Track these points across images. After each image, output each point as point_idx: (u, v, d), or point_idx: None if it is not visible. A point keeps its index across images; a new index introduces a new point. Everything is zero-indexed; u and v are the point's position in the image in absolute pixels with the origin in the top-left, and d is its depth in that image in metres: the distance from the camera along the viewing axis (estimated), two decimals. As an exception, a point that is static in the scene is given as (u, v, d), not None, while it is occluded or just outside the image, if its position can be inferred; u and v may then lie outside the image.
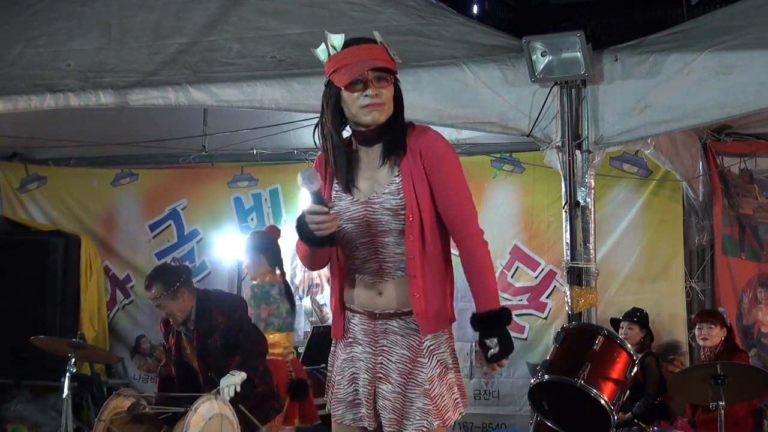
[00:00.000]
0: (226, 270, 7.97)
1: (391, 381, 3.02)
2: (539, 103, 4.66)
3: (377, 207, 2.99)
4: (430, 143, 2.98)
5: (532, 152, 6.48)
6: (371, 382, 3.05)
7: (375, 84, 2.92)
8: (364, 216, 3.01)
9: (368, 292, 3.06)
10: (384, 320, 3.05)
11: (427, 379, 2.99)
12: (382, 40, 2.97)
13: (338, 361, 3.17)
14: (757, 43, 4.38)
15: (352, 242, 3.05)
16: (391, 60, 2.95)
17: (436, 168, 2.96)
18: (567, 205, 4.64)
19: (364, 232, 3.02)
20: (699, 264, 6.95)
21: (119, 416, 4.91)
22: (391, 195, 2.97)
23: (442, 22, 5.09)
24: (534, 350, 7.15)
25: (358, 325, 3.11)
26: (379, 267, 3.03)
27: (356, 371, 3.10)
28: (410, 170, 2.96)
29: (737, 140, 6.74)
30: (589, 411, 3.92)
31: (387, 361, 3.04)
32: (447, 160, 2.99)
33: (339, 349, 3.18)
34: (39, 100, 5.34)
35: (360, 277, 3.07)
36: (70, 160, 8.46)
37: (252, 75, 5.10)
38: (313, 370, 6.39)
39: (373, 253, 3.03)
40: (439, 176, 2.97)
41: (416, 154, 2.96)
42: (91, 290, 8.00)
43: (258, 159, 7.86)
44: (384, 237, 3.00)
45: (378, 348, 3.06)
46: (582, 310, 4.57)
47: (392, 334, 3.04)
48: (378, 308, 3.05)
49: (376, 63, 2.90)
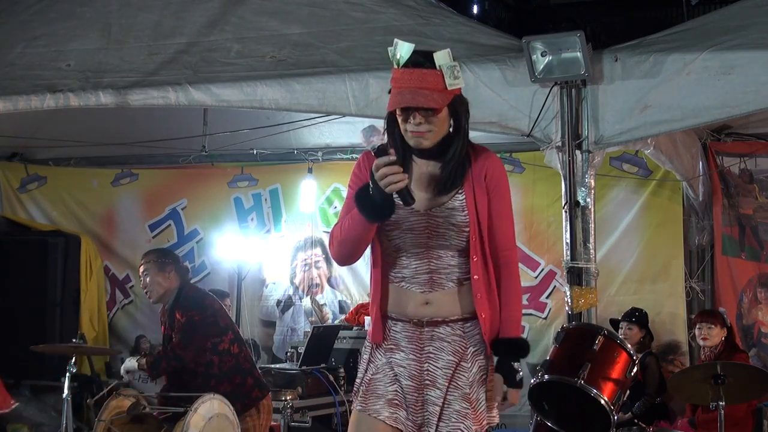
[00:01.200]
0: (226, 270, 7.98)
1: (439, 386, 3.05)
2: (539, 103, 4.66)
3: (441, 221, 3.02)
4: (496, 168, 3.07)
5: (532, 152, 6.48)
6: (418, 389, 3.06)
7: (420, 114, 2.93)
8: (426, 228, 3.03)
9: (415, 302, 3.07)
10: (431, 327, 3.07)
11: (468, 383, 3.04)
12: (444, 63, 2.93)
13: (376, 363, 3.13)
14: (757, 43, 4.38)
15: (404, 251, 3.07)
16: (444, 90, 2.91)
17: (498, 193, 3.06)
18: (567, 205, 4.63)
19: (421, 243, 3.04)
20: (699, 264, 6.95)
21: (119, 416, 4.91)
22: (455, 210, 3.02)
23: (442, 22, 5.09)
24: (534, 350, 7.12)
25: (401, 332, 3.10)
26: (430, 277, 3.06)
27: (397, 376, 3.09)
28: (473, 189, 3.03)
29: (737, 140, 6.74)
30: (589, 411, 3.92)
31: (434, 368, 3.06)
32: (506, 188, 3.10)
33: (378, 353, 3.14)
34: (39, 100, 5.34)
35: (407, 286, 3.08)
36: (70, 160, 8.46)
37: (252, 75, 5.10)
38: (313, 370, 6.39)
39: (426, 264, 3.05)
40: (498, 201, 3.06)
41: (481, 175, 3.04)
42: (91, 290, 8.00)
43: (258, 159, 7.86)
44: (441, 249, 3.04)
45: (424, 355, 3.07)
46: (582, 310, 4.57)
47: (438, 341, 3.07)
48: (426, 317, 3.07)
49: (417, 101, 2.88)
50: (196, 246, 8.22)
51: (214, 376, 5.09)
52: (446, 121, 2.98)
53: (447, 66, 2.93)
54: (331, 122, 6.96)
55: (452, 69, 2.93)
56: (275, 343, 7.98)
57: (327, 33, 5.20)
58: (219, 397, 4.83)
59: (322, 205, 7.90)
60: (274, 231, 8.05)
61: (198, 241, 8.20)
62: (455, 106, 2.99)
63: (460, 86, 2.97)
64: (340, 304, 7.84)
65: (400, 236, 3.04)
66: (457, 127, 3.00)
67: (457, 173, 3.01)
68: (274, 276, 8.06)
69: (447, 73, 2.92)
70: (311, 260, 7.94)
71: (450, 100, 2.94)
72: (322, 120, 6.81)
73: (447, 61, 2.94)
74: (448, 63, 2.94)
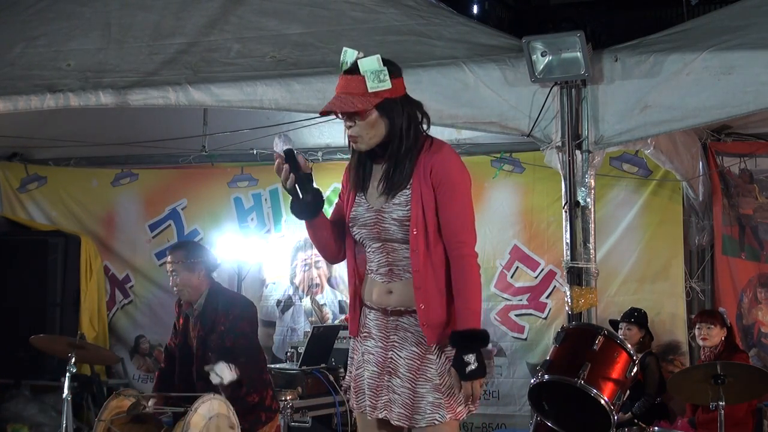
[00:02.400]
0: (226, 270, 7.97)
1: (400, 376, 3.14)
2: (539, 103, 4.66)
3: (386, 216, 3.16)
4: (443, 162, 3.12)
5: (532, 152, 6.48)
6: (379, 374, 3.19)
7: (349, 118, 3.12)
8: (375, 223, 3.19)
9: (381, 290, 3.23)
10: (395, 317, 3.19)
11: (437, 374, 3.11)
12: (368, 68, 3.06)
13: (357, 355, 3.31)
14: (757, 43, 4.38)
15: (367, 245, 3.26)
16: (364, 94, 3.05)
17: (442, 187, 3.11)
18: (567, 205, 4.63)
19: (375, 237, 3.21)
20: (699, 264, 6.94)
21: (119, 416, 4.91)
22: (399, 206, 3.14)
23: (442, 22, 5.09)
24: (534, 350, 7.15)
25: (373, 320, 3.26)
26: (389, 269, 3.21)
27: (365, 363, 3.25)
28: (420, 185, 3.11)
29: (737, 140, 6.73)
30: (589, 411, 3.92)
31: (397, 357, 3.17)
32: (454, 181, 3.12)
33: (357, 344, 3.32)
34: (39, 100, 5.34)
35: (374, 276, 3.25)
36: (70, 160, 8.46)
37: (252, 75, 5.10)
38: (313, 370, 6.39)
39: (385, 256, 3.21)
40: (444, 195, 3.11)
41: (427, 170, 3.11)
42: (91, 290, 8.00)
43: (258, 159, 7.86)
44: (393, 243, 3.18)
45: (389, 343, 3.20)
46: (582, 310, 4.57)
47: (402, 331, 3.18)
48: (390, 305, 3.21)
49: (335, 106, 3.10)
50: (196, 246, 8.21)
51: (245, 385, 5.06)
52: (378, 124, 3.11)
53: (371, 71, 3.06)
54: (331, 122, 6.95)
55: (377, 73, 3.07)
56: (275, 343, 7.98)
57: (327, 33, 5.20)
58: (219, 397, 4.83)
59: (322, 205, 7.89)
60: (274, 231, 8.05)
61: (198, 241, 8.20)
62: (386, 109, 3.10)
63: (384, 88, 3.07)
64: (340, 304, 7.84)
65: (358, 232, 3.24)
66: (392, 128, 3.11)
67: (397, 173, 3.13)
68: (274, 276, 8.06)
69: (369, 77, 3.05)
70: (311, 260, 7.94)
71: (376, 103, 3.07)
72: (322, 120, 6.80)
73: (372, 67, 3.07)
74: (373, 68, 3.06)
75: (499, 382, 7.23)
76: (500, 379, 7.22)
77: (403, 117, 3.13)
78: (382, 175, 3.18)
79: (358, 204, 3.25)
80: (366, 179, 3.24)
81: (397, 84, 3.12)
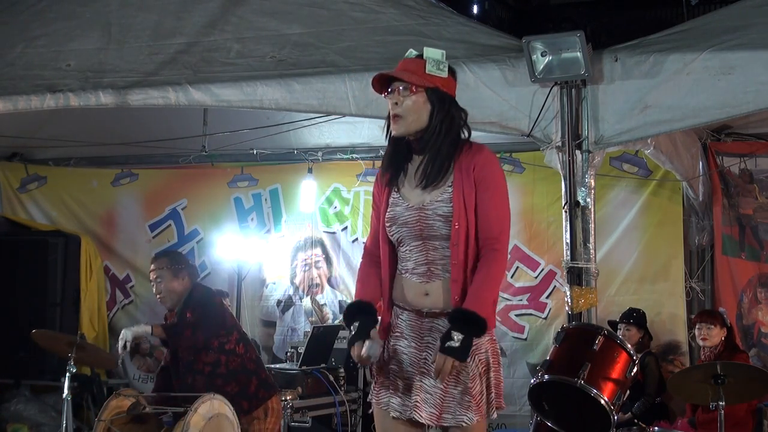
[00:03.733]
0: (226, 270, 7.98)
1: (433, 376, 3.15)
2: (539, 103, 4.66)
3: (430, 213, 3.20)
4: (486, 162, 3.22)
5: (532, 152, 6.48)
6: (414, 375, 3.21)
7: (399, 92, 3.18)
8: (418, 221, 3.22)
9: (416, 292, 3.24)
10: (431, 318, 3.22)
11: (469, 377, 3.15)
12: (431, 56, 3.19)
13: (385, 352, 3.31)
14: (757, 43, 4.38)
15: (405, 245, 3.27)
16: (421, 74, 3.17)
17: (483, 185, 3.19)
18: (567, 205, 4.63)
19: (416, 235, 3.23)
20: (699, 264, 6.94)
21: (119, 416, 4.91)
22: (443, 203, 3.19)
23: (442, 22, 5.09)
24: (534, 350, 7.15)
25: (405, 321, 3.28)
26: (428, 269, 3.23)
27: (398, 363, 3.26)
28: (462, 182, 3.18)
29: (737, 140, 6.74)
30: (589, 411, 3.92)
31: (431, 358, 3.17)
32: (496, 181, 3.22)
33: (388, 342, 3.32)
34: (39, 100, 5.34)
35: (409, 277, 3.26)
36: (70, 160, 8.46)
37: (252, 75, 5.10)
38: (313, 370, 6.39)
39: (424, 256, 3.23)
40: (485, 193, 3.18)
41: (470, 169, 3.19)
42: (91, 290, 8.00)
43: (258, 159, 7.86)
44: (434, 241, 3.21)
45: (423, 344, 3.22)
46: (582, 310, 4.57)
47: (437, 332, 3.19)
48: (425, 307, 3.23)
49: (390, 73, 3.18)
50: (196, 246, 8.22)
51: (221, 375, 5.08)
52: (423, 109, 3.19)
53: (433, 58, 3.19)
54: (331, 122, 6.96)
55: (437, 62, 3.19)
56: (275, 343, 7.98)
57: (327, 33, 5.20)
58: (219, 397, 4.83)
59: (322, 205, 7.90)
60: (274, 231, 8.05)
61: (198, 241, 8.20)
62: (433, 99, 3.19)
63: (440, 76, 3.19)
64: (340, 304, 7.84)
65: (398, 231, 3.26)
66: (433, 119, 3.19)
67: (439, 169, 3.18)
68: (274, 276, 8.06)
69: (429, 62, 3.18)
70: (311, 260, 7.94)
71: (426, 84, 3.17)
72: (322, 120, 6.81)
73: (435, 56, 3.19)
74: (435, 57, 3.19)
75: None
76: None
77: (447, 112, 3.21)
78: (419, 167, 3.21)
79: (394, 204, 3.27)
80: (401, 176, 3.27)
81: (450, 82, 3.25)
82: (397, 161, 3.28)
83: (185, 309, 5.16)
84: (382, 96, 3.27)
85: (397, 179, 3.28)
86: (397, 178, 3.28)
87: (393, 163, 3.29)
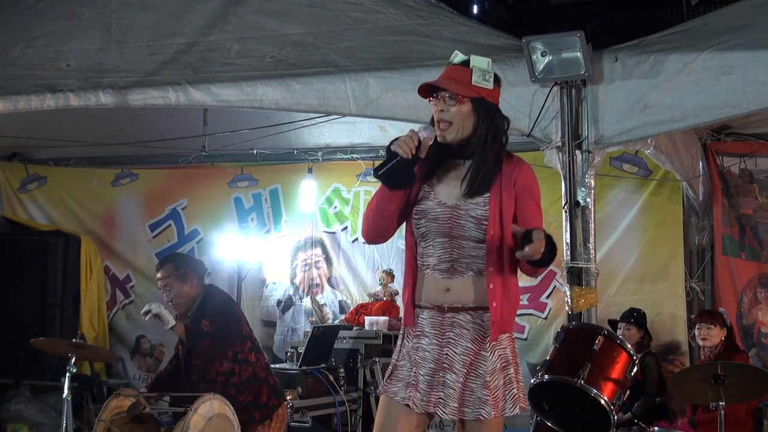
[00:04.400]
0: (226, 270, 7.98)
1: (455, 371, 3.22)
2: (539, 103, 4.66)
3: (462, 213, 3.24)
4: (528, 175, 3.33)
5: (532, 152, 6.44)
6: (436, 371, 3.25)
7: (445, 101, 3.21)
8: (449, 219, 3.26)
9: (437, 288, 3.29)
10: (452, 313, 3.26)
11: (488, 371, 3.21)
12: (477, 65, 3.23)
13: (405, 349, 3.35)
14: (757, 43, 4.38)
15: (430, 240, 3.30)
16: (467, 84, 3.20)
17: (525, 196, 3.29)
18: (567, 205, 4.63)
19: (444, 233, 3.27)
20: (699, 264, 6.94)
21: (119, 416, 4.90)
22: (477, 205, 3.24)
23: (442, 22, 5.08)
24: (534, 350, 7.15)
25: (426, 319, 3.30)
26: (451, 266, 3.27)
27: (420, 360, 3.28)
28: (500, 190, 3.24)
29: (737, 140, 6.74)
30: (589, 411, 3.92)
31: (452, 353, 3.24)
32: (536, 196, 3.34)
33: (407, 339, 3.36)
34: (39, 100, 5.34)
35: (431, 273, 3.30)
36: (70, 160, 8.47)
37: (252, 75, 5.10)
38: (313, 370, 6.39)
39: (449, 253, 3.27)
40: (527, 207, 3.29)
41: (510, 180, 3.26)
42: (91, 290, 8.00)
43: (258, 159, 7.87)
44: (462, 240, 3.25)
45: (444, 340, 3.26)
46: (582, 310, 4.57)
47: (458, 327, 3.25)
48: (447, 303, 3.27)
49: (436, 83, 3.21)
50: (196, 246, 8.22)
51: (234, 385, 5.04)
52: (468, 118, 3.22)
53: (479, 68, 3.23)
54: (331, 122, 6.97)
55: (483, 72, 3.23)
56: (275, 343, 7.98)
57: (327, 33, 5.20)
58: (219, 397, 4.82)
59: (322, 205, 7.90)
60: (274, 231, 8.05)
61: (198, 241, 8.21)
62: (479, 108, 3.22)
63: (486, 87, 3.23)
64: (340, 304, 7.84)
65: (426, 225, 3.29)
66: (479, 129, 3.22)
67: (481, 178, 3.23)
68: (275, 276, 8.07)
69: (476, 72, 3.22)
70: (311, 260, 7.94)
71: (473, 95, 3.21)
72: (322, 120, 6.81)
73: (482, 65, 3.24)
74: (482, 66, 3.24)
75: (500, 382, 7.23)
76: (500, 379, 7.22)
77: (492, 122, 3.25)
78: (467, 174, 3.23)
79: (425, 198, 3.30)
80: (437, 174, 3.30)
81: (495, 92, 3.29)
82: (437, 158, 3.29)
83: (201, 316, 5.06)
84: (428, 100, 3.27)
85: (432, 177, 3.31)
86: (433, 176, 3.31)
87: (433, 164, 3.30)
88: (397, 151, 3.13)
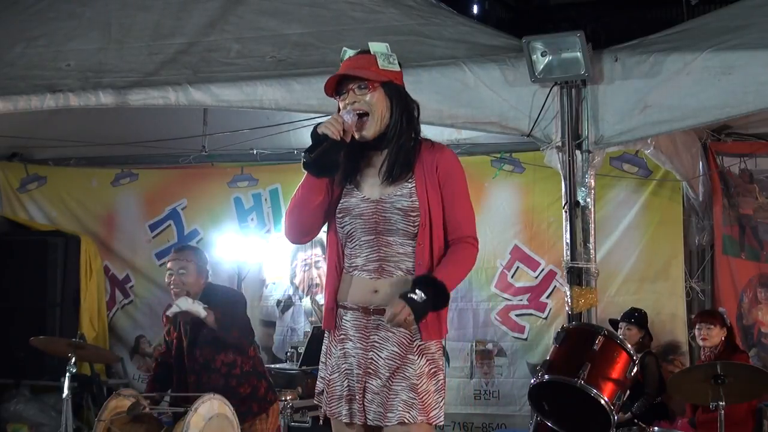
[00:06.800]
0: (226, 270, 7.97)
1: (380, 376, 3.08)
2: (539, 103, 4.66)
3: (388, 206, 3.11)
4: (449, 161, 3.15)
5: (532, 152, 6.47)
6: (362, 377, 3.11)
7: (356, 92, 3.08)
8: (374, 214, 3.12)
9: (364, 289, 3.13)
10: (378, 315, 3.10)
11: (415, 374, 3.05)
12: (378, 50, 3.11)
13: (332, 359, 3.21)
14: (757, 43, 4.38)
15: (356, 239, 3.16)
16: (376, 70, 3.08)
17: (450, 184, 3.12)
18: (567, 205, 4.64)
19: (370, 229, 3.13)
20: (699, 264, 6.94)
21: (119, 416, 4.90)
22: (403, 197, 3.10)
23: (442, 22, 5.09)
24: (534, 350, 7.15)
25: (350, 321, 3.16)
26: (379, 265, 3.12)
27: (348, 367, 3.15)
28: (424, 178, 3.10)
29: (737, 140, 6.73)
30: (589, 411, 3.92)
31: (377, 357, 3.10)
32: (460, 180, 3.16)
33: (332, 345, 3.23)
34: (39, 100, 5.33)
35: (358, 274, 3.16)
36: (70, 160, 8.46)
37: (252, 75, 5.10)
38: (313, 370, 6.38)
39: (376, 252, 3.13)
40: (451, 192, 3.13)
41: (432, 167, 3.11)
42: (91, 290, 8.00)
43: (258, 159, 7.86)
44: (389, 236, 3.11)
45: (369, 344, 3.12)
46: (582, 310, 4.57)
47: (384, 330, 3.10)
48: (373, 304, 3.11)
49: (349, 70, 3.07)
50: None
51: (236, 377, 5.07)
52: (383, 104, 3.09)
53: (381, 53, 3.11)
54: (330, 122, 6.95)
55: (386, 56, 3.11)
56: (275, 343, 7.98)
57: (327, 33, 5.21)
58: (219, 397, 4.83)
59: (322, 205, 7.89)
60: (274, 231, 8.04)
61: (198, 241, 8.19)
62: (392, 92, 3.11)
63: (394, 70, 3.11)
64: (340, 304, 7.84)
65: (350, 222, 3.15)
66: (394, 114, 3.10)
67: (400, 162, 3.09)
68: (274, 276, 8.06)
69: (380, 57, 3.09)
70: (311, 260, 7.94)
71: (384, 79, 3.08)
72: (322, 120, 6.80)
73: (382, 49, 3.12)
74: (383, 51, 3.11)
75: (499, 382, 7.23)
76: (500, 379, 7.22)
77: (405, 105, 3.14)
78: (384, 163, 3.11)
79: (349, 195, 3.16)
80: (356, 171, 3.17)
81: (400, 75, 3.17)
82: (353, 156, 3.15)
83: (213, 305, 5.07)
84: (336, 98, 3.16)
85: (352, 172, 3.17)
86: (355, 173, 3.17)
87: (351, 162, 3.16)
88: (325, 132, 3.03)
